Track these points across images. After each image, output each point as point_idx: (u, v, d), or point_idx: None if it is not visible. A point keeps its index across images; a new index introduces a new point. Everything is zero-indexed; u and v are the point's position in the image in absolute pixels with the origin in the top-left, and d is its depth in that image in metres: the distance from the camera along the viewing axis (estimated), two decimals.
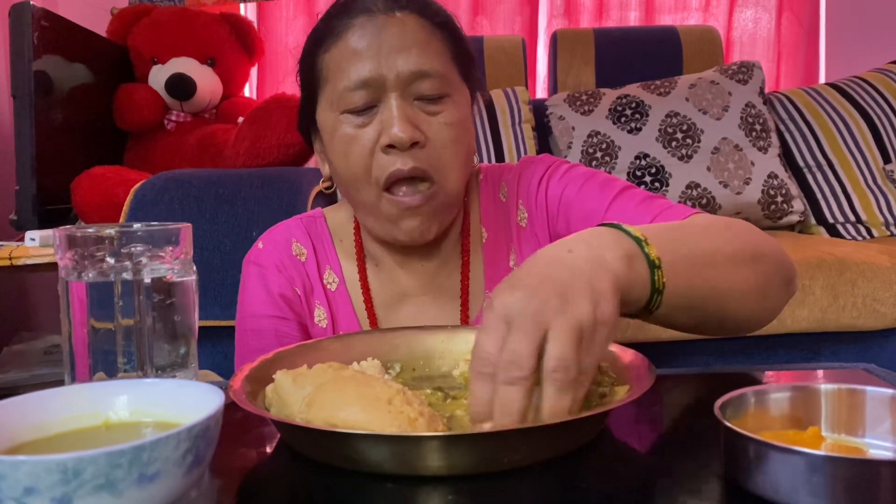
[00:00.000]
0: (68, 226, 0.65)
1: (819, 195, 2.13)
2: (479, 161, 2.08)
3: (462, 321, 0.91)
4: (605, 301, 0.54)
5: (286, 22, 2.87)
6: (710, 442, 0.55)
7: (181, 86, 2.25)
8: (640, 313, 0.64)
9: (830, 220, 2.09)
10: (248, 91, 2.75)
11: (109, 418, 0.51)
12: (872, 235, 2.05)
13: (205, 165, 2.13)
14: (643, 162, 2.08)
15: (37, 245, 1.71)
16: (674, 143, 2.09)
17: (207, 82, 2.32)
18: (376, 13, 0.83)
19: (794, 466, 0.43)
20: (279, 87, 2.81)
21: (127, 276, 0.60)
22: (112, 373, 0.60)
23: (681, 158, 2.08)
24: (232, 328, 0.95)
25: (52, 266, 1.62)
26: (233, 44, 2.43)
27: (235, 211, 1.60)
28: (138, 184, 1.66)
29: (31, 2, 1.82)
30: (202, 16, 2.41)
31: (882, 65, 2.37)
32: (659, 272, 0.61)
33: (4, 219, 1.92)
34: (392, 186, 0.83)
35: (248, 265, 0.96)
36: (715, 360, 1.61)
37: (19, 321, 2.35)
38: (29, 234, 1.74)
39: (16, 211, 1.84)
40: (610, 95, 2.21)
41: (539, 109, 2.28)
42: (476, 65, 0.91)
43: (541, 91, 2.88)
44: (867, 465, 0.43)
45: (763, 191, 2.05)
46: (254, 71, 2.73)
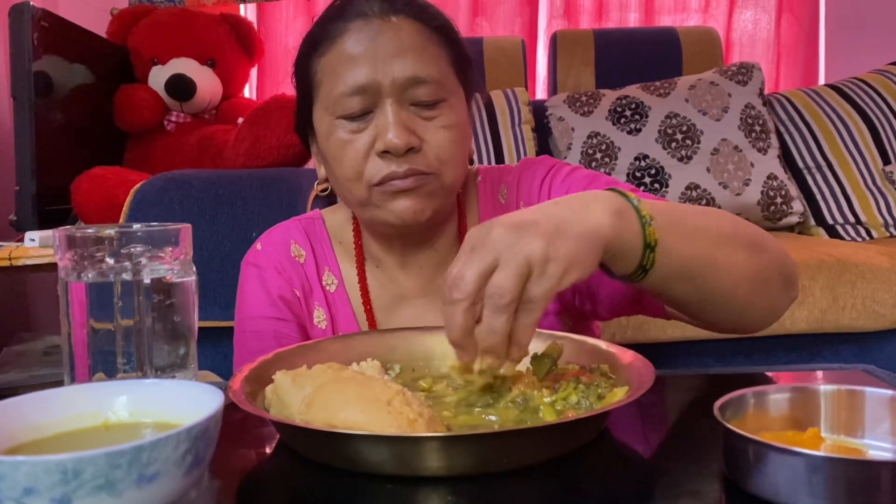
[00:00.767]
0: (68, 226, 0.65)
1: (818, 196, 2.13)
2: (479, 162, 2.08)
3: None
4: (564, 240, 0.57)
5: (286, 23, 2.87)
6: (710, 443, 0.55)
7: (181, 86, 2.25)
8: (636, 273, 0.65)
9: (830, 222, 2.09)
10: (248, 92, 2.75)
11: (109, 419, 0.51)
12: (872, 236, 2.05)
13: (204, 166, 2.13)
14: (643, 163, 2.08)
15: (36, 245, 1.71)
16: (673, 144, 2.09)
17: (207, 83, 2.32)
18: (372, 17, 0.82)
19: (794, 467, 0.43)
20: (279, 88, 2.82)
21: (126, 277, 0.60)
22: (111, 373, 0.60)
23: (680, 159, 2.08)
24: (231, 329, 0.95)
25: (52, 266, 1.62)
26: (233, 44, 2.43)
27: (235, 211, 1.60)
28: (138, 184, 1.65)
29: (31, 2, 1.82)
30: (202, 16, 2.41)
31: (881, 66, 2.37)
32: (650, 228, 0.63)
33: (4, 219, 1.92)
34: (384, 182, 0.83)
35: (247, 266, 0.95)
36: (714, 361, 1.61)
37: (19, 322, 2.35)
38: (28, 235, 1.74)
39: (15, 211, 1.84)
40: (610, 96, 2.21)
41: (539, 110, 2.28)
42: (473, 67, 0.91)
43: (540, 92, 2.88)
44: (867, 466, 0.43)
45: (762, 192, 2.05)
46: (254, 72, 2.73)
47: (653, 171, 2.07)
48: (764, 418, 0.52)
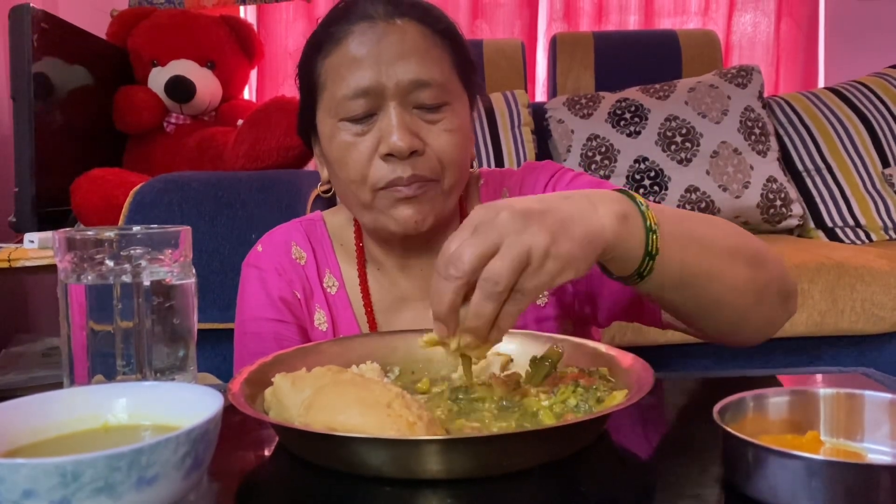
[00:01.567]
0: (67, 228, 0.65)
1: (818, 199, 2.13)
2: (478, 164, 2.08)
3: None
4: (567, 240, 0.57)
5: (286, 25, 2.87)
6: (709, 446, 0.55)
7: (181, 88, 2.25)
8: (632, 277, 0.65)
9: (829, 224, 2.10)
10: (248, 94, 2.75)
11: (108, 421, 0.51)
12: (871, 239, 2.05)
13: (204, 168, 2.13)
14: (642, 165, 2.09)
15: (36, 247, 1.71)
16: (673, 147, 2.10)
17: (207, 85, 2.32)
18: (377, 20, 0.82)
19: (793, 471, 0.43)
20: (279, 90, 2.81)
21: (126, 279, 0.60)
22: (111, 375, 0.60)
23: (680, 162, 2.08)
24: (231, 331, 0.95)
25: (51, 268, 1.61)
26: (232, 46, 2.43)
27: (235, 213, 1.60)
28: (137, 186, 1.65)
29: (31, 4, 1.82)
30: (202, 18, 2.41)
31: (881, 69, 2.38)
32: (654, 236, 0.63)
33: (3, 221, 1.92)
34: (389, 187, 0.83)
35: (248, 268, 0.95)
36: (714, 365, 1.61)
37: (18, 323, 2.35)
38: (28, 237, 1.74)
39: (15, 213, 1.84)
40: (609, 99, 2.21)
41: (538, 113, 2.28)
42: (477, 71, 0.91)
43: (540, 94, 2.88)
44: (866, 470, 0.43)
45: (762, 195, 2.05)
46: (253, 73, 2.73)
47: (652, 174, 2.07)
48: (763, 422, 0.52)
